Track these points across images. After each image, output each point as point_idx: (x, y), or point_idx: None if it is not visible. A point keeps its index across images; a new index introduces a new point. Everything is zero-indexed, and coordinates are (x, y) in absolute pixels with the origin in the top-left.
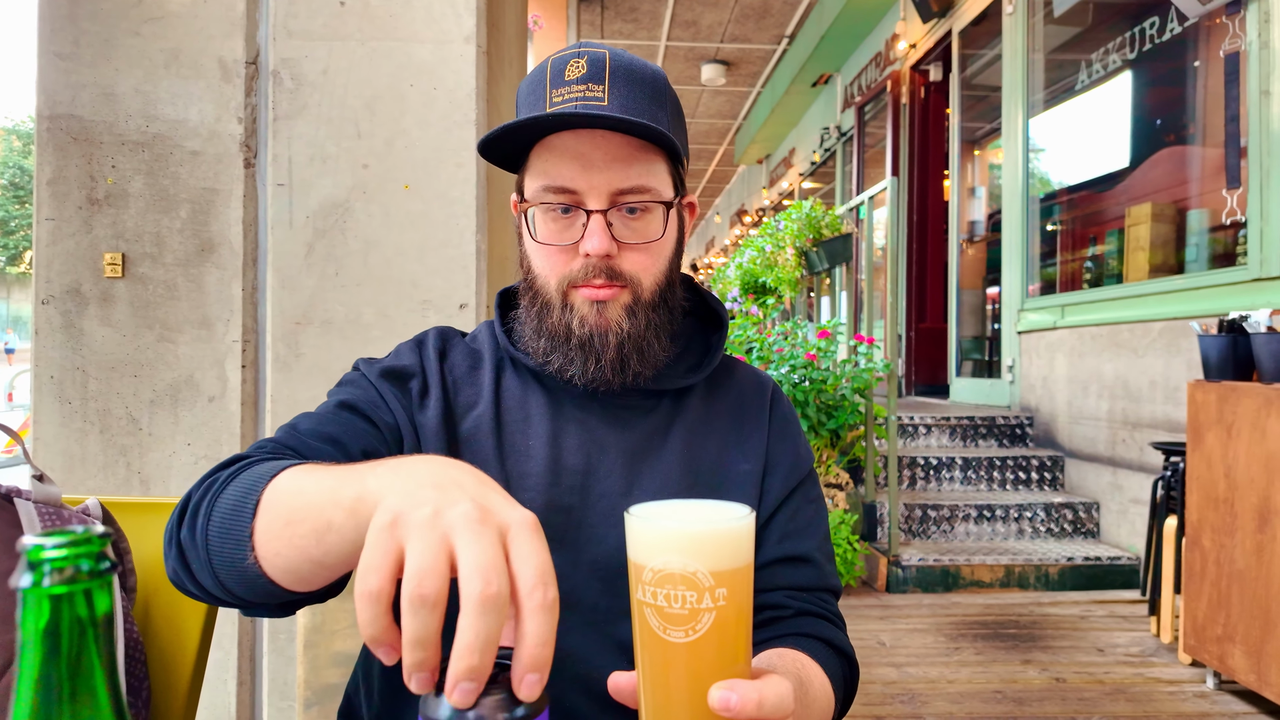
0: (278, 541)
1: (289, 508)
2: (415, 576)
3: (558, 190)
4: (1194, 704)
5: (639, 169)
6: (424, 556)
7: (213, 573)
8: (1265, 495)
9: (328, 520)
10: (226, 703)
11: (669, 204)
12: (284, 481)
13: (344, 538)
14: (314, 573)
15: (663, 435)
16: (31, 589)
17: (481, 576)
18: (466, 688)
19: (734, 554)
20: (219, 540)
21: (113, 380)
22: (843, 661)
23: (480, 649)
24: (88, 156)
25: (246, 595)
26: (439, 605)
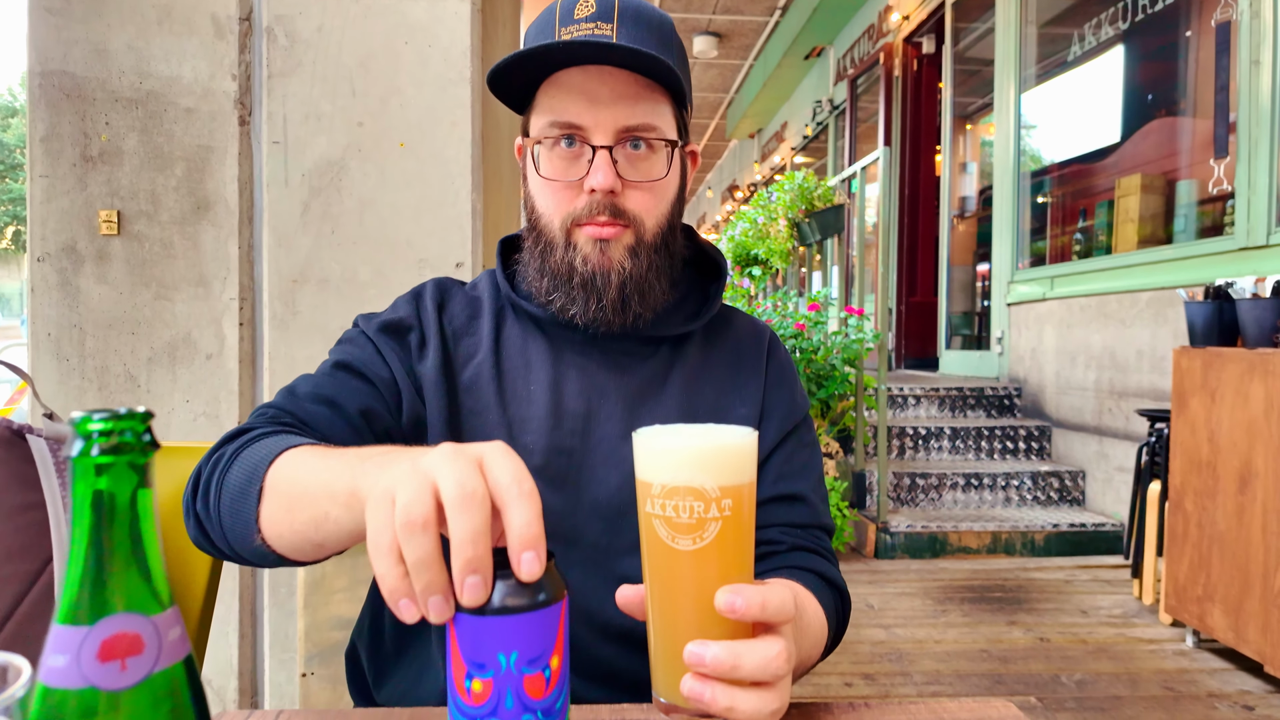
0: (280, 525)
1: (288, 496)
2: (403, 510)
3: (564, 125)
4: (1174, 661)
5: (645, 107)
6: (408, 492)
7: (229, 545)
8: (1246, 459)
9: (324, 512)
10: (229, 655)
11: (673, 144)
12: (285, 468)
13: (340, 526)
14: (316, 552)
15: (662, 381)
16: (79, 458)
17: (457, 484)
18: (473, 582)
19: (738, 469)
20: (230, 520)
21: (110, 338)
22: (835, 594)
23: (471, 540)
24: (81, 113)
25: (260, 563)
26: (429, 526)
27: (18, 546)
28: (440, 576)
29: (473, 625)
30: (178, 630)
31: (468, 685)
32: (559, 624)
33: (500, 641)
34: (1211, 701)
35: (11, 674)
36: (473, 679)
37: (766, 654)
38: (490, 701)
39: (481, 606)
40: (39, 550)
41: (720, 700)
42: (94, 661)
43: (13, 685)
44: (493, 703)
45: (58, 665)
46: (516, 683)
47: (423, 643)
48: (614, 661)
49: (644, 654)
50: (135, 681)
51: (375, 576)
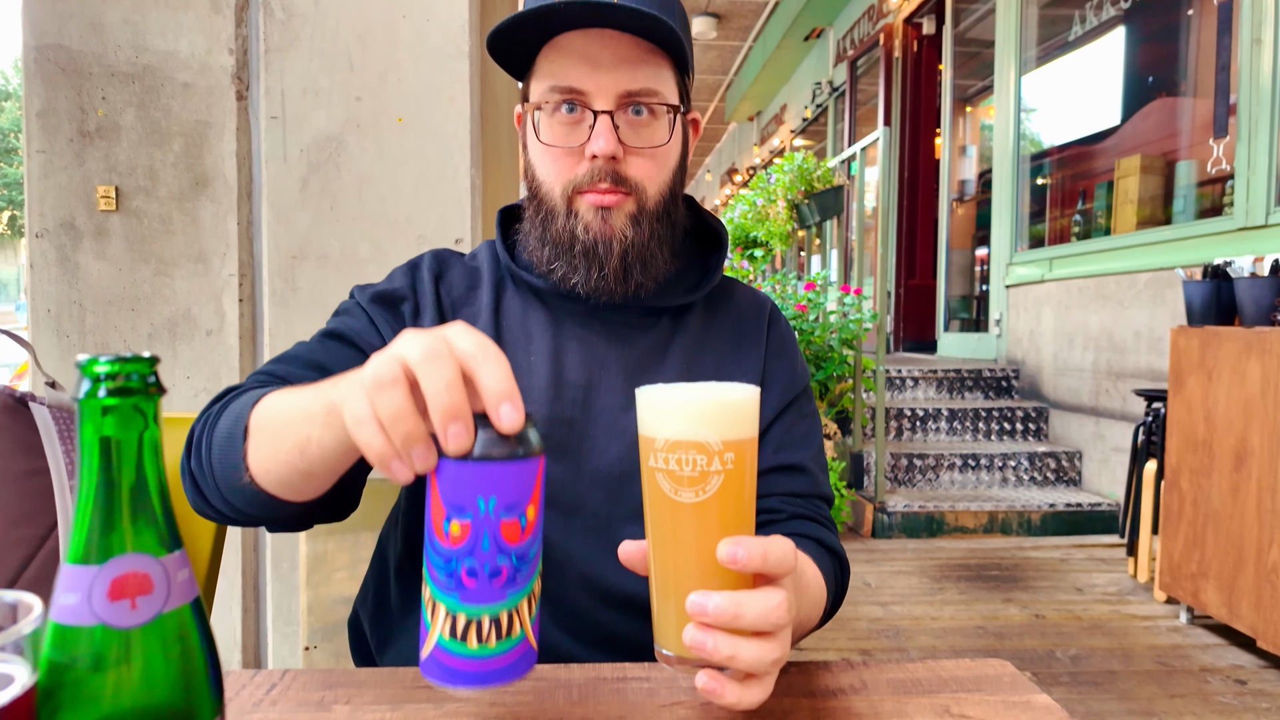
0: (267, 460)
1: (271, 429)
2: (371, 376)
3: (564, 90)
4: (1167, 637)
5: (647, 71)
6: (375, 365)
7: (222, 496)
8: (1242, 436)
9: (306, 436)
10: (232, 629)
11: (675, 110)
12: (265, 406)
13: (324, 448)
14: (304, 482)
15: (662, 352)
16: (86, 399)
17: (421, 347)
18: (455, 429)
19: (740, 423)
20: (220, 467)
21: (110, 314)
22: (834, 560)
23: (447, 389)
24: (77, 88)
25: (256, 512)
26: (397, 382)
27: (23, 512)
28: (418, 427)
29: (453, 470)
30: (186, 572)
31: (446, 528)
32: (536, 478)
33: (479, 487)
34: (1204, 676)
35: (22, 611)
36: (451, 521)
37: (768, 604)
38: (468, 543)
39: (463, 455)
40: (44, 516)
41: (722, 649)
42: (104, 600)
43: (23, 621)
44: (470, 544)
45: (69, 603)
46: (494, 527)
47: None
48: (615, 627)
49: (645, 619)
50: (145, 620)
51: (362, 451)
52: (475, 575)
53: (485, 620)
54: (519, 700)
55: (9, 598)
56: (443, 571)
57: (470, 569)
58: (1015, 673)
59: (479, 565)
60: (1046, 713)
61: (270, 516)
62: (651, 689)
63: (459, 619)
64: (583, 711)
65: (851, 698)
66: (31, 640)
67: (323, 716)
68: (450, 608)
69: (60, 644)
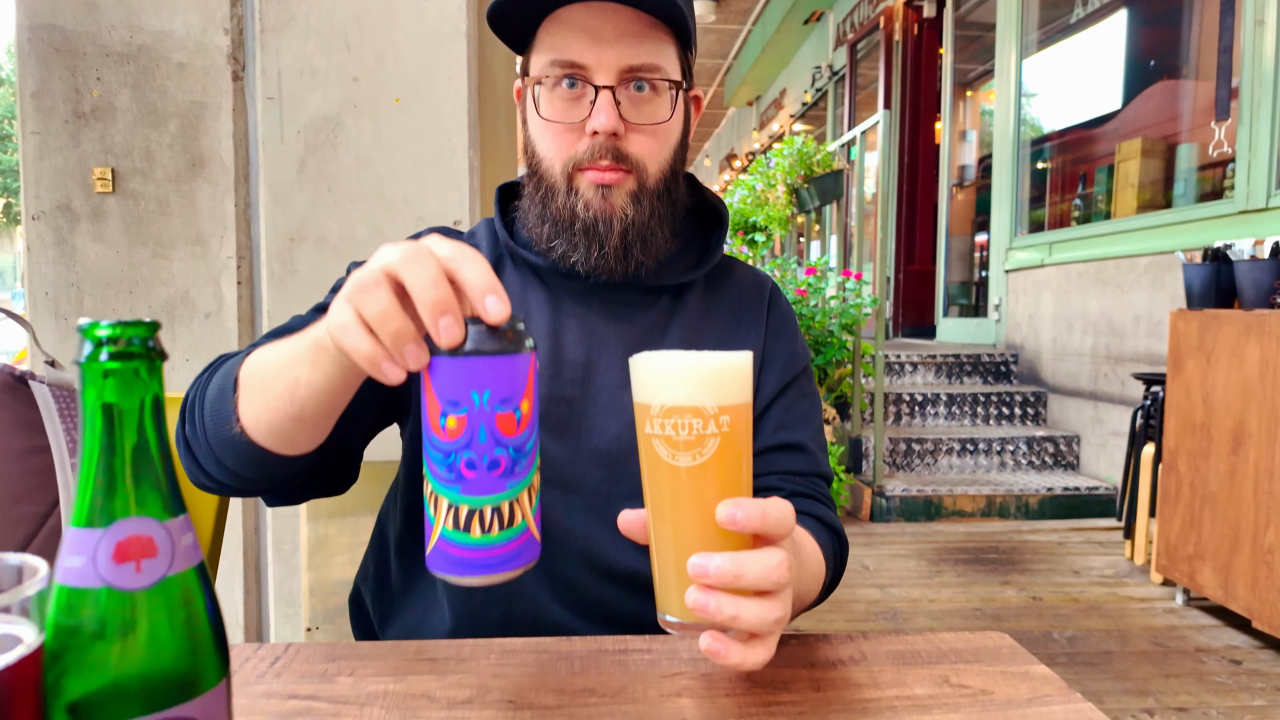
0: (258, 409)
1: (260, 377)
2: (352, 283)
3: (565, 65)
4: (1163, 619)
5: (649, 46)
6: (356, 275)
7: (214, 456)
8: (1240, 419)
9: (294, 378)
10: (234, 610)
11: (677, 87)
12: (253, 358)
13: (312, 387)
14: (295, 429)
15: (662, 330)
16: (87, 363)
17: (400, 250)
18: (446, 323)
19: (735, 389)
20: (212, 422)
21: (108, 297)
22: (833, 537)
23: (432, 284)
24: (71, 68)
25: (250, 471)
26: (380, 283)
27: (25, 489)
28: (407, 325)
29: (447, 366)
30: (190, 537)
31: (442, 423)
32: (528, 374)
33: (472, 381)
34: (1199, 656)
35: (27, 573)
36: (447, 416)
37: (768, 563)
38: (464, 435)
39: (455, 348)
40: (46, 493)
41: (725, 610)
42: (109, 562)
43: (28, 582)
44: (467, 436)
45: (74, 565)
46: (489, 419)
47: (428, 581)
48: (615, 603)
49: (645, 595)
50: (151, 583)
51: (350, 356)
52: (474, 467)
53: (487, 510)
54: (522, 671)
55: (14, 560)
56: (442, 466)
57: (469, 461)
58: (1013, 644)
59: (477, 457)
60: (1045, 682)
61: (264, 478)
62: (653, 660)
63: (461, 510)
64: (585, 682)
65: (851, 668)
66: (37, 602)
67: (326, 688)
68: (452, 500)
69: (66, 606)
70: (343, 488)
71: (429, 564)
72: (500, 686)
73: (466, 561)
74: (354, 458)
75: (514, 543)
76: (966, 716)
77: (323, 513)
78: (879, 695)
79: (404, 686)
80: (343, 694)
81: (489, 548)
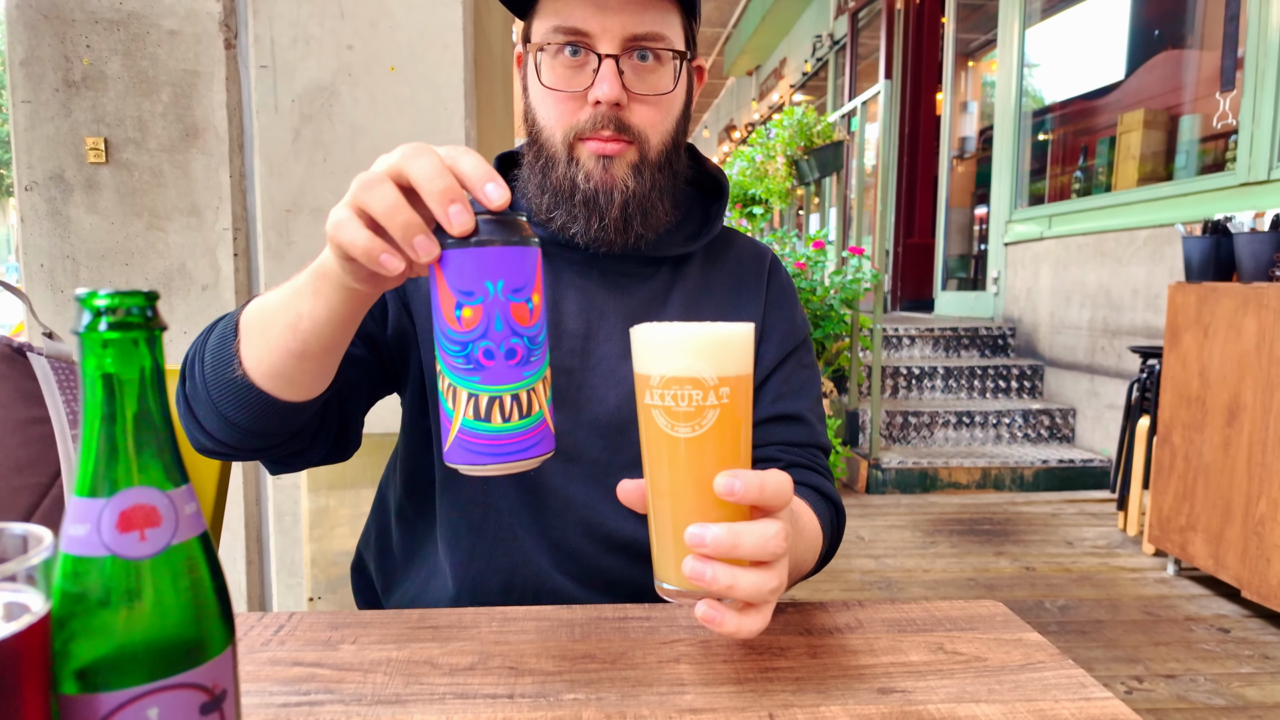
0: (259, 350)
1: (261, 318)
2: (356, 184)
3: (568, 31)
4: (1154, 588)
5: (654, 15)
6: (363, 176)
7: (215, 409)
8: (1236, 392)
9: (295, 311)
10: (237, 581)
11: (681, 57)
12: (253, 304)
13: (315, 320)
14: (298, 368)
15: (661, 301)
16: (86, 333)
17: (399, 151)
18: (456, 210)
19: (735, 360)
20: (213, 373)
21: (104, 269)
22: (830, 506)
23: (438, 174)
24: (60, 35)
25: (251, 421)
26: (384, 180)
27: (27, 459)
28: (415, 217)
29: (460, 256)
30: (193, 506)
31: (458, 314)
32: (536, 267)
33: (486, 271)
34: (1189, 625)
35: (32, 542)
36: (463, 307)
37: (765, 533)
38: (481, 325)
39: (466, 238)
40: (47, 463)
41: (721, 579)
42: (114, 531)
43: (33, 551)
44: (483, 326)
45: (79, 534)
46: (504, 308)
47: (430, 549)
48: (615, 571)
49: (645, 564)
50: (155, 551)
51: (347, 251)
52: (492, 356)
53: (507, 398)
54: (522, 638)
55: (19, 529)
56: (459, 357)
57: (487, 350)
58: (1007, 612)
59: (495, 346)
60: (1037, 649)
61: (265, 430)
62: (652, 627)
63: (481, 399)
64: (585, 648)
65: (847, 635)
66: (44, 570)
67: (330, 655)
68: (472, 390)
69: (72, 574)
70: (345, 454)
71: (448, 457)
72: (501, 653)
73: (488, 450)
74: (354, 426)
75: (533, 431)
76: (960, 682)
77: (323, 484)
78: (874, 662)
79: (406, 654)
80: (346, 661)
81: (510, 435)
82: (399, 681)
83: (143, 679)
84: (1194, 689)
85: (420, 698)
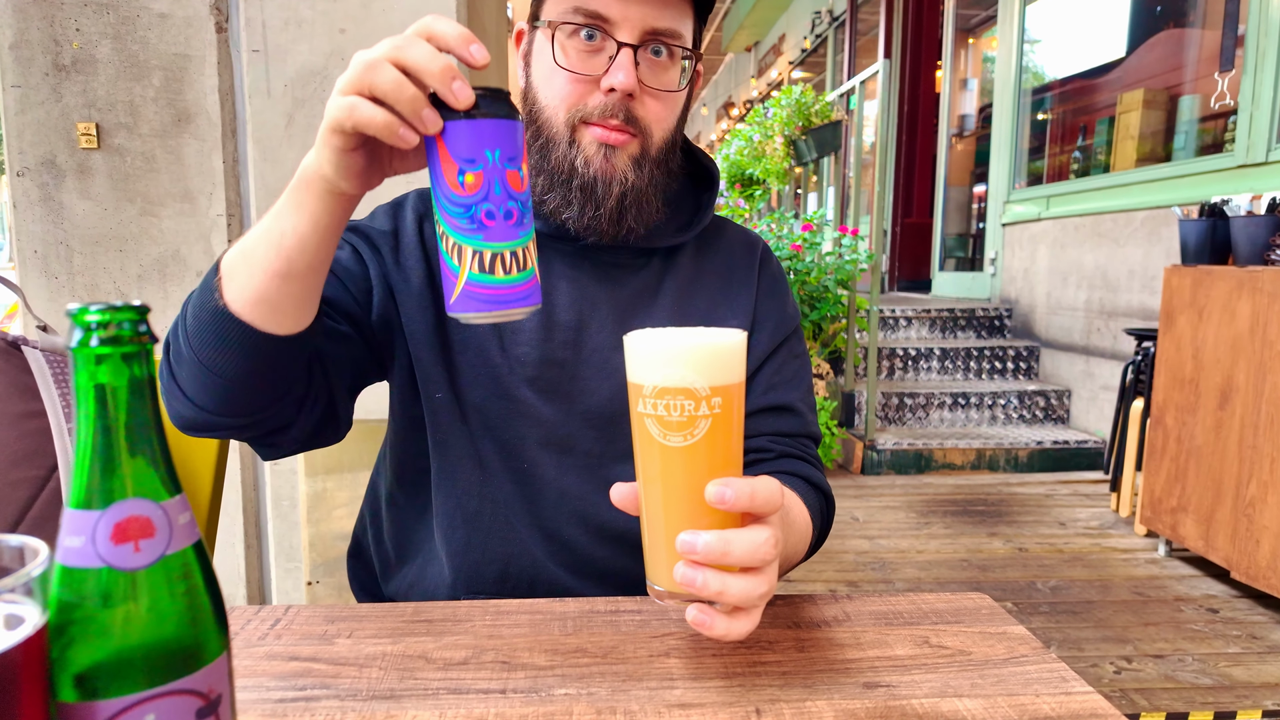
0: (242, 281)
1: (243, 252)
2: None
3: (589, 15)
4: (1145, 569)
5: (673, 12)
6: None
7: (197, 361)
8: (1229, 375)
9: (279, 230)
10: (236, 565)
11: (692, 56)
12: (233, 248)
13: (299, 234)
14: (281, 291)
15: (653, 292)
16: (79, 348)
17: (389, 41)
18: (458, 85)
19: (728, 369)
20: (194, 321)
21: (98, 255)
22: (820, 496)
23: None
24: (49, 19)
25: (231, 365)
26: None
27: (24, 452)
28: (419, 92)
29: (462, 128)
30: (187, 516)
31: (460, 180)
32: (523, 140)
33: (485, 140)
34: (1178, 605)
35: (29, 554)
36: (465, 173)
37: (755, 540)
38: (482, 189)
39: (466, 112)
40: (45, 456)
41: (711, 585)
42: (108, 543)
43: (30, 564)
44: (484, 190)
45: (75, 546)
46: (501, 175)
47: (425, 536)
48: (609, 562)
49: (638, 555)
50: (150, 562)
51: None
52: (493, 217)
53: (506, 254)
54: (516, 631)
55: (15, 541)
56: (464, 218)
57: (489, 211)
58: (993, 605)
59: (495, 208)
60: (1021, 642)
61: (249, 383)
62: (643, 621)
63: (485, 255)
64: (577, 642)
65: (835, 629)
66: (40, 582)
67: (326, 649)
68: (476, 247)
69: (68, 586)
70: (335, 433)
71: (455, 308)
72: (495, 647)
73: (492, 298)
74: (343, 403)
75: (528, 283)
76: (944, 676)
77: (320, 469)
78: (861, 656)
79: (401, 648)
80: (342, 655)
81: (510, 286)
82: (394, 676)
83: (140, 686)
84: (1182, 669)
85: (414, 693)
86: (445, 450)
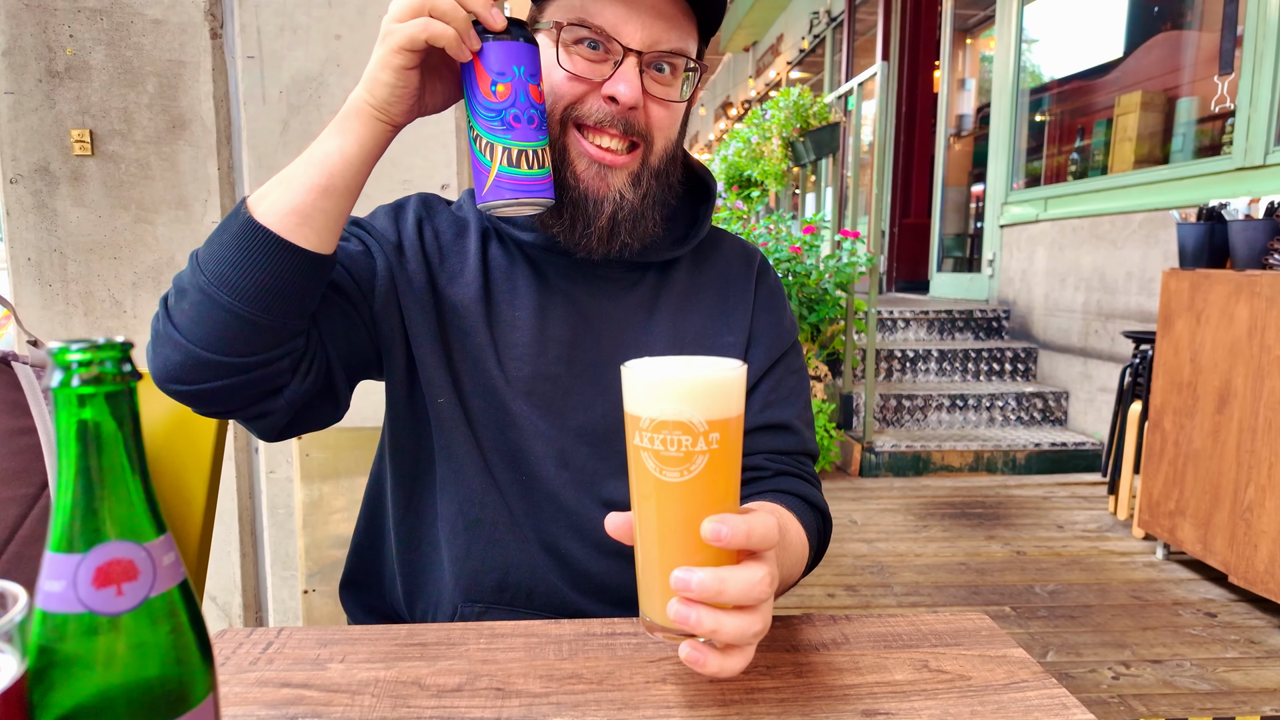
0: (275, 195)
1: (279, 179)
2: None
3: (595, 30)
4: (1143, 572)
5: (680, 33)
6: None
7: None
8: (1227, 379)
9: (323, 151)
10: (232, 573)
11: (695, 71)
12: (263, 186)
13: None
14: (317, 205)
15: (649, 308)
16: (60, 389)
17: None
18: (495, 11)
19: (726, 403)
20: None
21: (92, 262)
22: (817, 515)
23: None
24: (43, 25)
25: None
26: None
27: (13, 470)
28: (466, 14)
29: (496, 47)
30: (172, 556)
31: (493, 89)
32: (539, 63)
33: (513, 57)
34: (1176, 609)
35: (9, 600)
36: (497, 84)
37: (750, 579)
38: (510, 97)
39: (498, 34)
40: (35, 474)
41: (705, 623)
42: (89, 587)
43: (11, 610)
44: (512, 98)
45: (55, 590)
46: (525, 87)
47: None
48: (606, 577)
49: (634, 570)
50: (133, 606)
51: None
52: (520, 120)
53: (530, 152)
54: (510, 655)
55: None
56: (496, 121)
57: (515, 116)
58: (992, 625)
59: (520, 113)
60: (1021, 666)
61: (255, 312)
62: (639, 644)
63: (513, 151)
64: (572, 666)
65: (833, 652)
66: (20, 630)
67: (318, 675)
68: (506, 144)
69: (48, 631)
70: (334, 410)
71: (485, 198)
72: (489, 672)
73: (519, 188)
74: (340, 379)
75: (546, 179)
76: (944, 703)
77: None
78: (859, 681)
79: (394, 673)
80: (334, 681)
81: (532, 179)
82: (386, 704)
83: None
84: (1180, 674)
85: None
86: (450, 455)
